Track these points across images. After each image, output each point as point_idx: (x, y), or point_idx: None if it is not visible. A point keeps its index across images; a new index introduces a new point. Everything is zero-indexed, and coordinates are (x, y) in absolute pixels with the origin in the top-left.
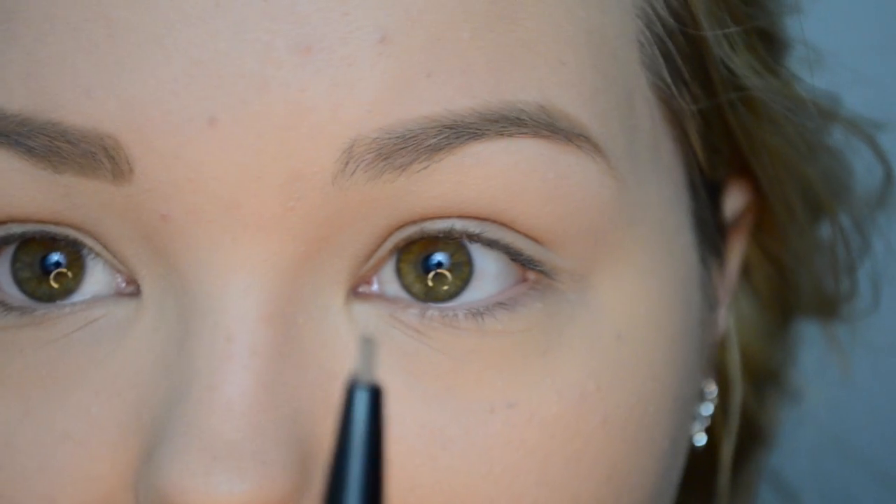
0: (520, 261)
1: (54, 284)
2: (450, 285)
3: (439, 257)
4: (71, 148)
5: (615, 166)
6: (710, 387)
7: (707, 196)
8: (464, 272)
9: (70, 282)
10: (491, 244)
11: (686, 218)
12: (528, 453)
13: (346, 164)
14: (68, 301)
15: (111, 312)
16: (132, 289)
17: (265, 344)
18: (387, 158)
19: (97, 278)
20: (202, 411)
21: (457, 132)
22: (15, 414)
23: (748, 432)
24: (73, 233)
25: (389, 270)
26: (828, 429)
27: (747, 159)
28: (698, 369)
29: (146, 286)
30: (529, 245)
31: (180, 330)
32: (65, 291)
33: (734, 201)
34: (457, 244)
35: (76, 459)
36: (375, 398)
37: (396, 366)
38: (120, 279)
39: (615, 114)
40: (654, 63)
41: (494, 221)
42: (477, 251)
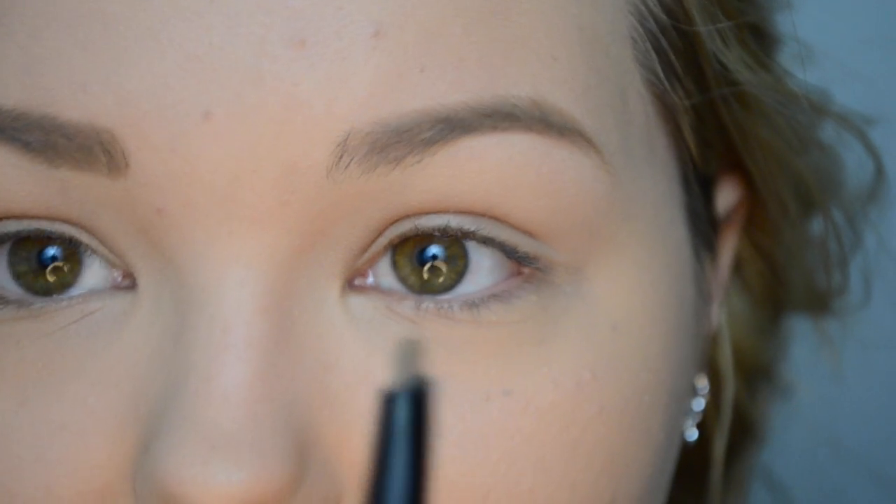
0: (515, 258)
1: (51, 278)
2: (445, 278)
3: (434, 250)
4: (67, 142)
5: (609, 161)
6: (702, 382)
7: (700, 190)
8: (459, 265)
9: (67, 276)
10: (486, 241)
11: (679, 212)
12: (525, 441)
13: (341, 158)
14: (65, 295)
15: (108, 306)
16: (128, 282)
17: (261, 335)
18: (381, 152)
19: (94, 272)
20: (199, 402)
21: (450, 126)
22: (11, 405)
23: (740, 428)
24: (69, 229)
25: (385, 264)
26: (819, 425)
27: (740, 154)
28: (692, 363)
29: (142, 279)
30: (524, 241)
31: (176, 322)
32: (62, 285)
33: (726, 197)
34: (452, 239)
35: (73, 450)
36: (419, 406)
37: (392, 354)
38: (116, 273)
39: (608, 109)
40: (648, 59)
41: (489, 216)
42: (472, 246)
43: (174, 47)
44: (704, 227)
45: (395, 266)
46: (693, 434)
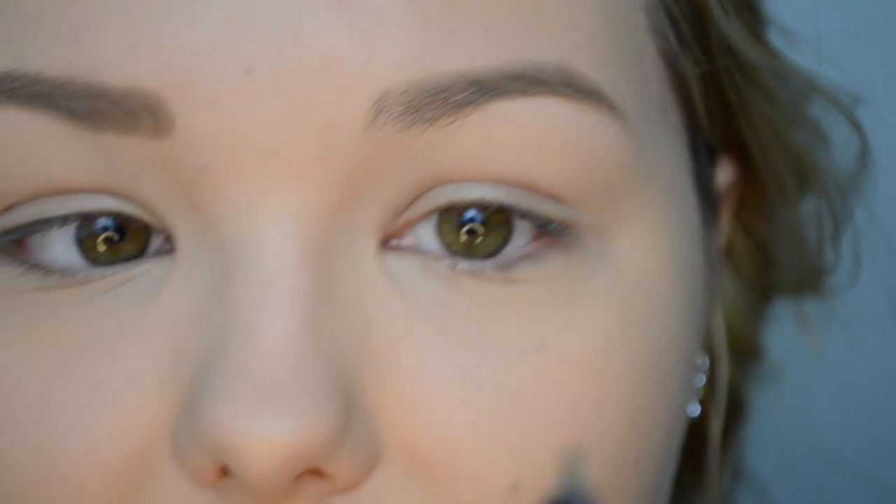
0: (548, 230)
1: (101, 248)
2: (488, 244)
3: (472, 213)
4: (112, 108)
5: (630, 124)
6: (702, 358)
7: (708, 159)
8: (503, 232)
9: (115, 246)
10: (524, 215)
11: (689, 180)
12: (559, 395)
13: (378, 115)
14: (108, 264)
15: (148, 270)
16: (168, 246)
17: (304, 288)
18: (416, 111)
19: (136, 241)
20: (246, 354)
21: (482, 89)
22: (49, 369)
23: (733, 408)
24: (111, 202)
25: (429, 229)
26: (798, 420)
27: (739, 130)
28: (702, 329)
29: (181, 242)
30: (555, 210)
31: (216, 281)
32: (110, 254)
33: (721, 177)
34: (496, 210)
35: (112, 411)
36: None
37: (429, 313)
38: (157, 240)
39: (627, 75)
40: (661, 27)
41: (521, 185)
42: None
43: (216, 6)
44: (711, 195)
45: (440, 232)
46: (696, 409)
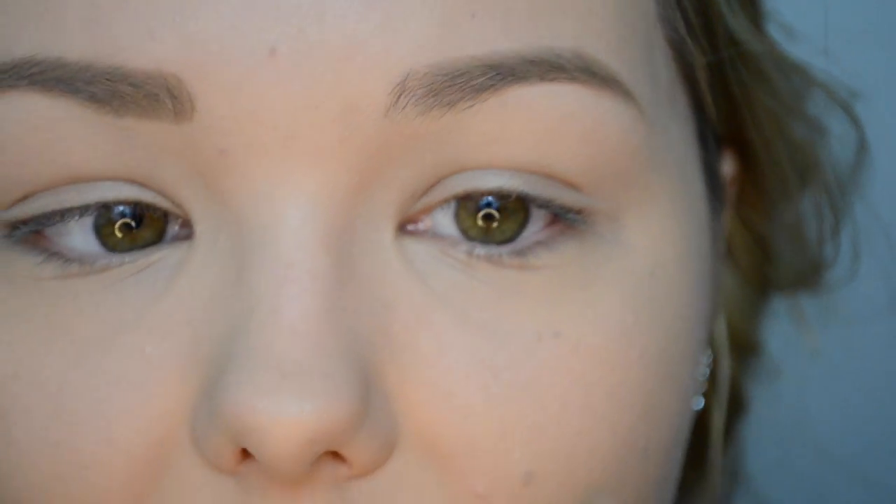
0: (564, 218)
1: (119, 234)
2: (505, 230)
3: (489, 199)
4: (133, 91)
5: (644, 110)
6: (706, 352)
7: (716, 148)
8: (519, 218)
9: (132, 233)
10: (542, 205)
11: (698, 168)
12: (574, 382)
13: (399, 98)
14: (126, 251)
15: (166, 256)
16: (186, 232)
17: (325, 270)
18: (436, 95)
19: (154, 228)
20: (267, 335)
21: (501, 74)
22: (68, 359)
23: (734, 404)
24: (129, 190)
25: (447, 215)
26: (796, 418)
27: (743, 121)
28: (708, 319)
29: (199, 226)
30: (571, 197)
31: (235, 264)
32: (128, 241)
33: (724, 170)
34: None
35: (132, 401)
36: None
37: (447, 298)
38: (174, 225)
39: (640, 63)
40: (671, 17)
41: (538, 173)
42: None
43: None
44: (718, 185)
45: (457, 217)
46: (699, 403)
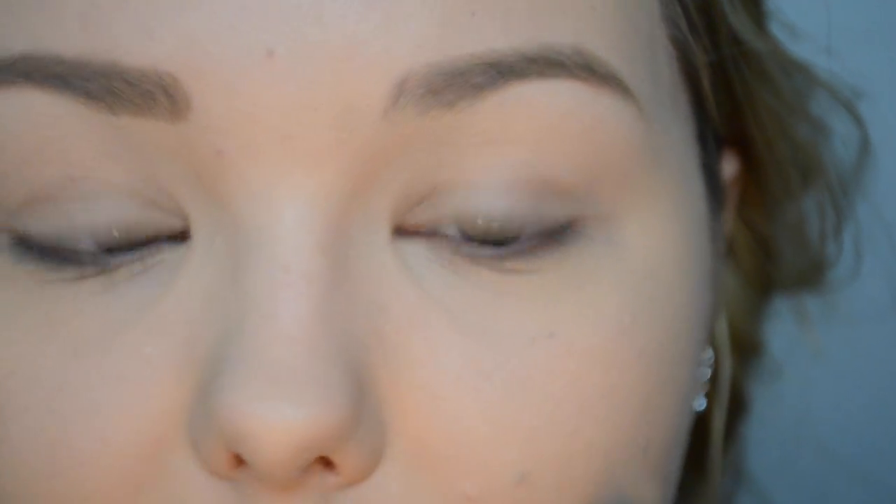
0: (560, 231)
1: (116, 233)
2: (506, 231)
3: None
4: (129, 88)
5: (643, 109)
6: (707, 352)
7: (716, 149)
8: (513, 230)
9: (128, 235)
10: (533, 222)
11: (697, 168)
12: (569, 383)
13: (398, 99)
14: (123, 253)
15: (163, 257)
16: (184, 233)
17: (320, 273)
18: (435, 94)
19: (150, 229)
20: (260, 339)
21: (500, 72)
22: (66, 358)
23: (735, 405)
24: (129, 207)
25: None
26: (798, 419)
27: (745, 120)
28: (710, 318)
29: (196, 227)
30: (566, 210)
31: (231, 266)
32: (124, 243)
33: (726, 170)
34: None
35: (130, 400)
36: None
37: (441, 300)
38: (172, 224)
39: (641, 60)
40: (673, 15)
41: (533, 182)
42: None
43: None
44: (718, 186)
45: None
46: (702, 403)
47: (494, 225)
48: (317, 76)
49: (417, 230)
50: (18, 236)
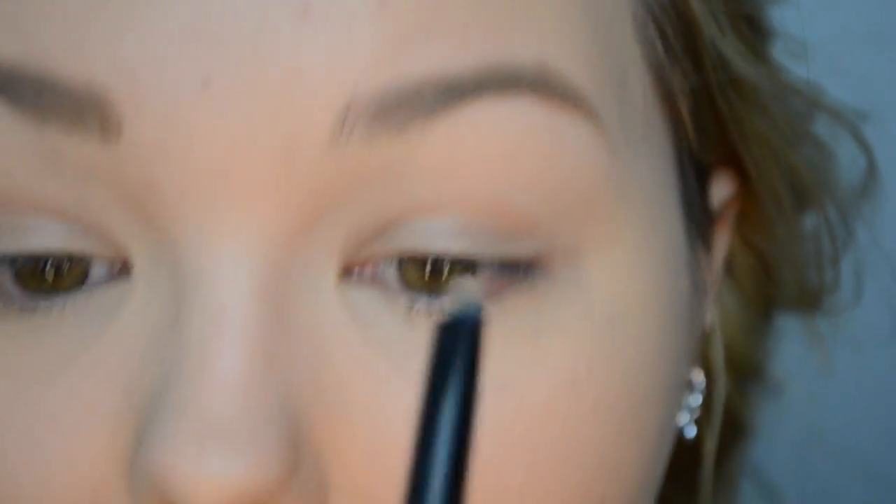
0: (513, 272)
1: (50, 276)
2: (452, 283)
3: (443, 263)
4: (59, 100)
5: (609, 134)
6: (699, 377)
7: (696, 179)
8: (469, 270)
9: (67, 275)
10: (490, 261)
11: (674, 198)
12: (518, 437)
13: (343, 125)
14: (64, 291)
15: (105, 294)
16: (125, 268)
17: (258, 320)
18: (384, 118)
19: (92, 268)
20: (193, 389)
21: (454, 91)
22: (6, 397)
23: (731, 427)
24: (62, 235)
25: (393, 264)
26: (809, 422)
27: (734, 146)
28: (686, 356)
29: (137, 260)
30: (524, 247)
31: (173, 306)
32: (63, 283)
33: (719, 191)
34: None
35: (67, 442)
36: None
37: (387, 348)
38: (114, 263)
39: (609, 83)
40: (649, 38)
41: (488, 215)
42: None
43: (173, 14)
44: (699, 217)
45: (402, 269)
46: (691, 431)
47: (450, 264)
48: (255, 109)
49: (368, 268)
50: None
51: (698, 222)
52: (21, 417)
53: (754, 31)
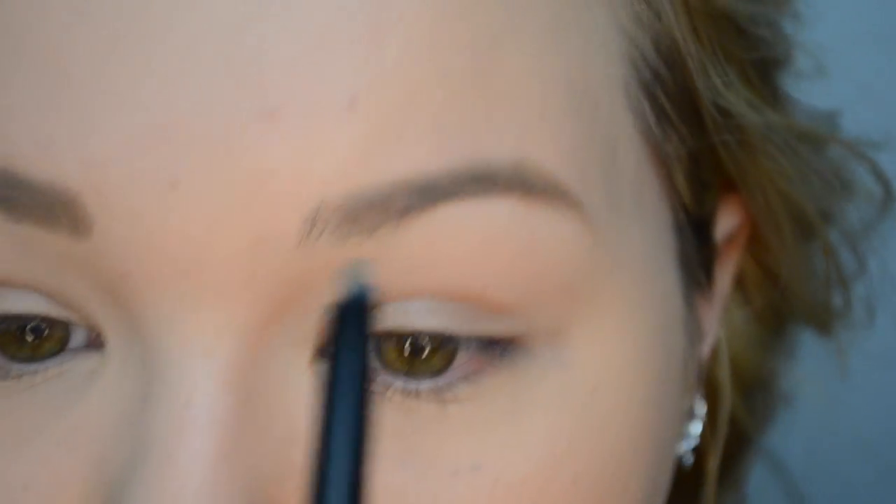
0: (493, 349)
1: (29, 338)
2: (433, 364)
3: (423, 341)
4: (28, 199)
5: (592, 219)
6: (701, 408)
7: (693, 233)
8: (449, 350)
9: (45, 342)
10: (468, 339)
11: (670, 259)
12: None
13: (312, 229)
14: (41, 358)
15: (79, 364)
16: (99, 340)
17: (225, 411)
18: (354, 221)
19: (66, 335)
20: (158, 480)
21: (428, 194)
22: None
23: (736, 442)
24: (36, 303)
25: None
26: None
27: (738, 187)
28: (678, 413)
29: (111, 338)
30: (503, 326)
31: (143, 386)
32: (40, 350)
33: (727, 221)
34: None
35: None
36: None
37: None
38: (84, 335)
39: (596, 164)
40: (640, 106)
41: (465, 299)
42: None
43: (140, 114)
44: (696, 270)
45: (380, 351)
46: (689, 460)
47: (431, 343)
48: (223, 209)
49: None
50: None
51: (696, 275)
52: None
53: (764, 75)
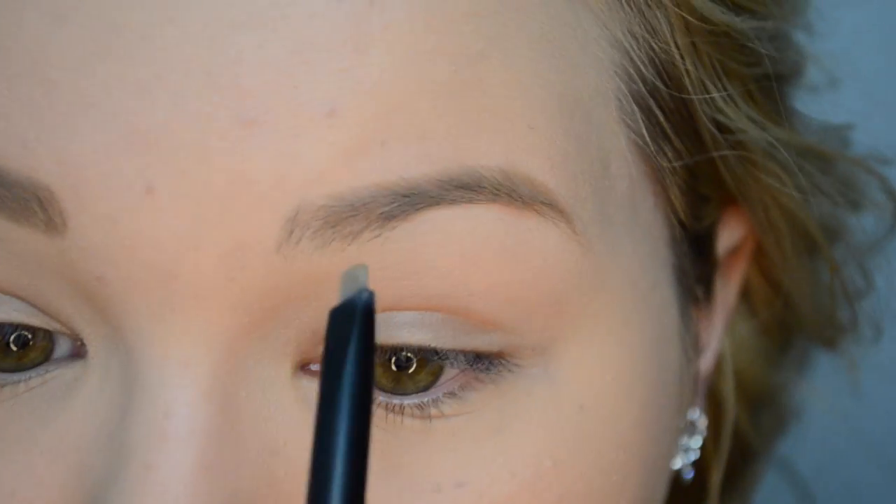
0: (479, 364)
1: (13, 348)
2: (418, 381)
3: (408, 353)
4: (4, 192)
5: (581, 231)
6: (703, 422)
7: (691, 246)
8: (435, 367)
9: (28, 351)
10: (454, 354)
11: (665, 274)
12: None
13: (292, 233)
14: (25, 367)
15: (62, 373)
16: (83, 350)
17: (205, 422)
18: (335, 226)
19: (50, 344)
20: (138, 491)
21: (412, 200)
22: None
23: (741, 455)
24: (16, 312)
25: None
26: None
27: (739, 202)
28: (672, 429)
29: (91, 346)
30: (488, 341)
31: (123, 395)
32: (24, 359)
33: (730, 234)
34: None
35: None
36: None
37: None
38: (67, 344)
39: (586, 177)
40: (634, 121)
41: (450, 312)
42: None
43: (118, 120)
44: (694, 284)
45: None
46: (689, 473)
47: (417, 359)
48: (200, 214)
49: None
50: None
51: (692, 289)
52: None
53: (768, 91)
